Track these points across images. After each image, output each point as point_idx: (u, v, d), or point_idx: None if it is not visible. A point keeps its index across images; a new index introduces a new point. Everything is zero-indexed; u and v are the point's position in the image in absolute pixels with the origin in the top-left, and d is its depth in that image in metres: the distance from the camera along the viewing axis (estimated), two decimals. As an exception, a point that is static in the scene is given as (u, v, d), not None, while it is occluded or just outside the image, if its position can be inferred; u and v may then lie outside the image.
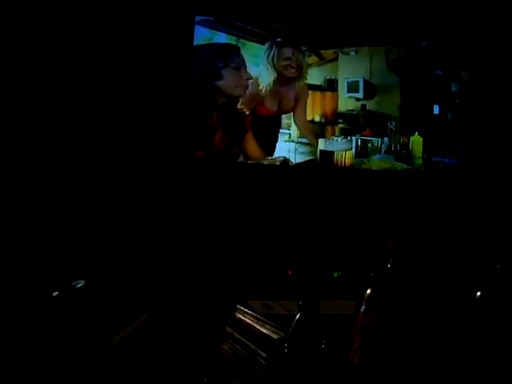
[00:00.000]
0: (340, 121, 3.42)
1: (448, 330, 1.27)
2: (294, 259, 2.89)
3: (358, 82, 3.38)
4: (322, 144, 3.35)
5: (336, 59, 3.39)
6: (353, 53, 3.39)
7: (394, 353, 1.21)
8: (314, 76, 3.37)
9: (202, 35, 3.15)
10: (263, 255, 2.91)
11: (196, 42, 3.11)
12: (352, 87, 3.39)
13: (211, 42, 3.19)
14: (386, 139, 3.39)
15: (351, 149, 3.35)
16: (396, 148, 3.39)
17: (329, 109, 3.41)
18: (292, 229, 3.07)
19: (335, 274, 2.70)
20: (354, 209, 3.18)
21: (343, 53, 3.39)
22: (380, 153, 3.39)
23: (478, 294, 1.24)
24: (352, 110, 3.42)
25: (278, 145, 3.35)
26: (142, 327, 1.59)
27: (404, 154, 3.37)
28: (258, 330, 1.54)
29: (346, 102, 3.41)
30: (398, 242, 1.23)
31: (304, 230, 3.08)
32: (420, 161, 3.36)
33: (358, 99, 3.41)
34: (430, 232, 2.90)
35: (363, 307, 1.26)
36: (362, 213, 3.17)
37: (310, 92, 3.38)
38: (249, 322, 1.59)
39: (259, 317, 1.57)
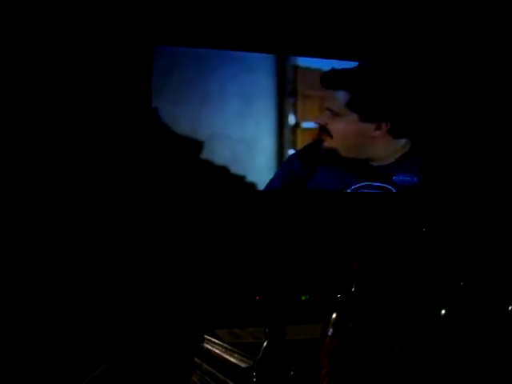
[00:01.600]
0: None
1: (416, 349, 1.26)
2: (260, 285, 2.87)
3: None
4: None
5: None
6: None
7: (363, 377, 1.19)
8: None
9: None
10: (229, 282, 2.89)
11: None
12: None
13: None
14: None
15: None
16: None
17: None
18: (257, 254, 3.05)
19: (303, 297, 2.68)
20: (319, 231, 3.19)
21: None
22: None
23: (443, 311, 1.24)
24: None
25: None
26: (111, 369, 1.56)
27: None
28: (226, 359, 1.52)
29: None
30: (361, 265, 1.22)
31: (269, 254, 3.07)
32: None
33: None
34: (392, 252, 2.91)
35: (330, 331, 1.25)
36: (327, 235, 3.18)
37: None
38: (217, 351, 1.57)
39: (227, 346, 1.55)
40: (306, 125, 3.39)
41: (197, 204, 3.10)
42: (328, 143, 3.32)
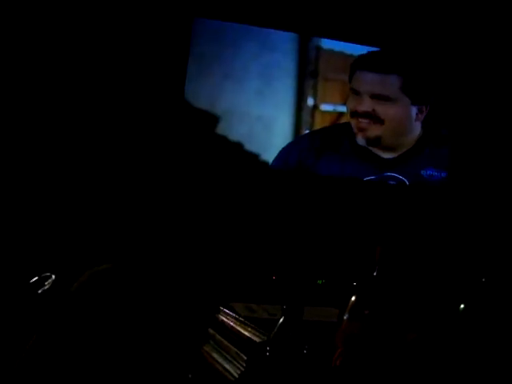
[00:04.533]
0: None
1: (430, 340, 1.29)
2: (278, 265, 2.90)
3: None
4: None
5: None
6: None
7: (376, 361, 1.22)
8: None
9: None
10: (248, 259, 2.91)
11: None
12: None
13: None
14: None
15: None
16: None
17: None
18: (277, 235, 3.07)
19: (319, 282, 2.70)
20: (340, 217, 3.19)
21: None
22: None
23: (462, 306, 1.26)
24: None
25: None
26: None
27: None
28: (240, 332, 1.55)
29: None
30: (385, 251, 1.24)
31: (289, 236, 3.09)
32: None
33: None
34: (415, 243, 2.92)
35: (347, 315, 1.28)
36: (347, 221, 3.19)
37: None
38: (231, 324, 1.60)
39: (242, 319, 1.58)
40: (324, 107, 3.39)
41: (217, 179, 3.12)
42: (373, 131, 3.23)
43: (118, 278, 1.51)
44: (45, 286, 1.97)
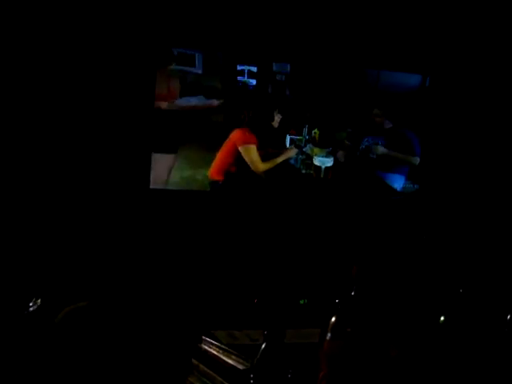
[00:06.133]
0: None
1: (413, 354, 1.27)
2: (259, 287, 2.87)
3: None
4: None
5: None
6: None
7: (360, 380, 1.20)
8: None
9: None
10: (228, 284, 2.89)
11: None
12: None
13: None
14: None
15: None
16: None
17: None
18: (257, 256, 3.06)
19: (301, 301, 2.68)
20: (319, 235, 3.20)
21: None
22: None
23: (442, 318, 1.25)
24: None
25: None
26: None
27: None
28: (223, 360, 1.52)
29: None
30: (361, 270, 1.23)
31: (270, 257, 3.07)
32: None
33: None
34: (392, 259, 2.93)
35: (328, 335, 1.25)
36: (327, 239, 3.19)
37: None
38: (214, 353, 1.57)
39: (225, 347, 1.55)
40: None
41: (198, 206, 3.12)
42: None
43: (96, 313, 1.49)
44: (30, 308, 1.94)
